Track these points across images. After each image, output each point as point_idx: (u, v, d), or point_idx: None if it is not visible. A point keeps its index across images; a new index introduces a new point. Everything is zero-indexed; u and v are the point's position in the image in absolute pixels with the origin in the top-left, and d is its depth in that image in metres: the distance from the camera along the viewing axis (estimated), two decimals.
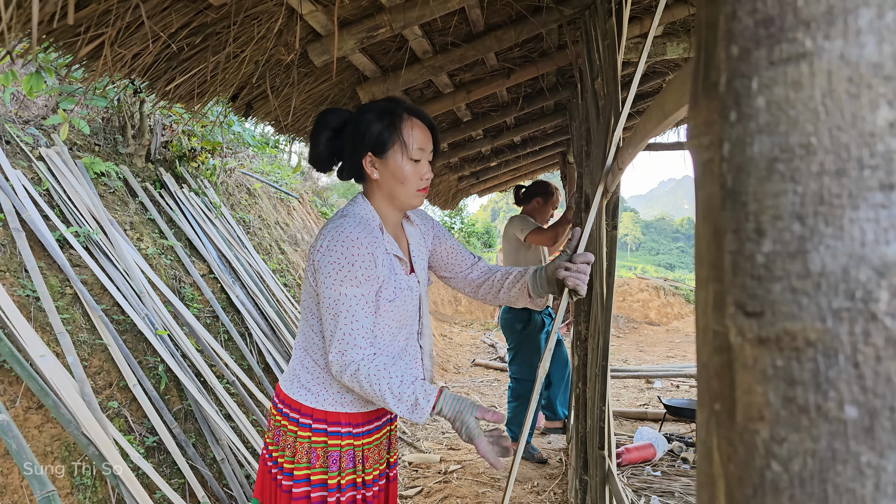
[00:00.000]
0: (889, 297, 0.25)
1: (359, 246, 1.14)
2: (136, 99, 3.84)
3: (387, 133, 1.19)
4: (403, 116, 1.21)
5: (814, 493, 0.26)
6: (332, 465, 1.24)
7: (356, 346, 1.13)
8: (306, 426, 1.25)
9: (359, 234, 1.16)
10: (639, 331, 12.97)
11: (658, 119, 0.62)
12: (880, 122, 0.25)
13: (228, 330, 3.51)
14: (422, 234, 1.42)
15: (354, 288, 1.13)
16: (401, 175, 1.21)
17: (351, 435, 1.26)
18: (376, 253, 1.17)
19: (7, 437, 1.90)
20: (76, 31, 1.30)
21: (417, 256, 1.37)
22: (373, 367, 1.12)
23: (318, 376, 1.27)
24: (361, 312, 1.14)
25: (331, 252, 1.15)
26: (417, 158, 1.21)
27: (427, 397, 1.09)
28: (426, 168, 1.23)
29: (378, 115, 1.21)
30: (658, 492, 2.83)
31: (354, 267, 1.13)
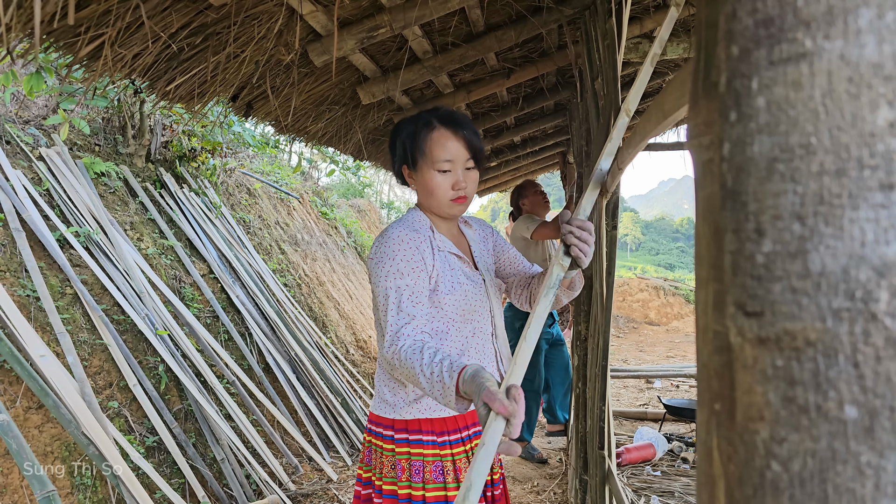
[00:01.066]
0: (889, 297, 0.25)
1: (400, 241, 1.16)
2: (136, 99, 3.84)
3: (415, 147, 1.21)
4: (429, 128, 1.20)
5: (814, 493, 0.26)
6: (415, 476, 1.21)
7: (402, 335, 1.08)
8: (389, 438, 1.24)
9: (400, 232, 1.18)
10: (639, 331, 12.97)
11: (658, 119, 0.62)
12: (880, 122, 0.25)
13: (228, 330, 3.51)
14: (481, 237, 1.42)
15: (398, 280, 1.13)
16: (430, 187, 1.21)
17: (436, 444, 1.22)
18: (422, 247, 1.18)
19: (7, 437, 1.90)
20: (76, 32, 1.30)
21: (480, 257, 1.36)
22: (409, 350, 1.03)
23: (392, 386, 1.26)
24: (407, 302, 1.11)
25: (376, 253, 1.18)
26: (445, 169, 1.20)
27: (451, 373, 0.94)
28: (459, 178, 1.21)
29: (405, 129, 1.23)
30: (658, 492, 2.83)
31: (395, 260, 1.14)
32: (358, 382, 4.47)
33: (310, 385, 3.75)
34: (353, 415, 3.81)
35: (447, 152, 1.19)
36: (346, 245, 7.27)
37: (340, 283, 6.05)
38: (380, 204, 15.31)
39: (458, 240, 1.34)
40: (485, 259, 1.37)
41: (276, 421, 3.36)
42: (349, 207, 8.95)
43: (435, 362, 0.97)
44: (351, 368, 4.47)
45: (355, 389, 4.26)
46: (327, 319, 4.90)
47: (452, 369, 0.94)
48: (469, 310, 1.23)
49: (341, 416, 3.70)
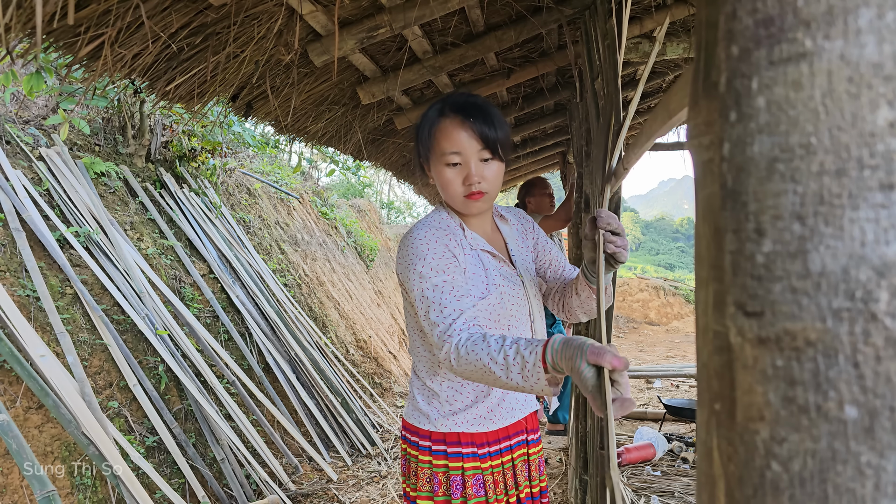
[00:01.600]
0: (889, 297, 0.25)
1: (426, 241, 1.09)
2: (136, 99, 3.84)
3: (426, 138, 1.12)
4: (438, 117, 1.11)
5: (814, 493, 0.26)
6: (454, 492, 1.15)
7: (454, 331, 0.98)
8: (426, 449, 1.18)
9: (425, 232, 1.10)
10: (639, 331, 12.97)
11: (664, 119, 0.62)
12: (880, 122, 0.25)
13: (228, 330, 3.51)
14: (520, 233, 1.30)
15: (433, 278, 1.04)
16: (441, 181, 1.12)
17: (475, 456, 1.16)
18: (451, 245, 1.10)
19: (7, 437, 1.90)
20: (76, 31, 1.30)
21: (518, 253, 1.25)
22: (469, 342, 0.94)
23: (427, 396, 1.20)
24: (450, 297, 1.02)
25: (403, 257, 1.11)
26: (454, 162, 1.09)
27: (533, 350, 0.83)
28: (471, 171, 1.08)
29: (422, 122, 1.15)
30: (658, 492, 2.83)
31: (426, 259, 1.06)
32: (358, 382, 4.47)
33: (310, 385, 3.75)
34: (353, 415, 3.81)
35: (453, 143, 1.08)
36: (346, 245, 7.27)
37: (340, 283, 6.05)
38: (380, 204, 15.31)
39: (492, 236, 1.23)
40: (523, 256, 1.26)
41: (275, 421, 3.36)
42: (349, 207, 8.95)
43: (507, 345, 0.88)
44: (351, 368, 4.47)
45: (355, 389, 4.26)
46: (327, 319, 4.90)
47: (533, 345, 0.85)
48: (505, 314, 1.14)
49: (341, 416, 3.70)
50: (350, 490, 3.03)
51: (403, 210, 17.27)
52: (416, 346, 1.22)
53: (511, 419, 1.21)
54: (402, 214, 16.99)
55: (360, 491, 3.02)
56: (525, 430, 1.26)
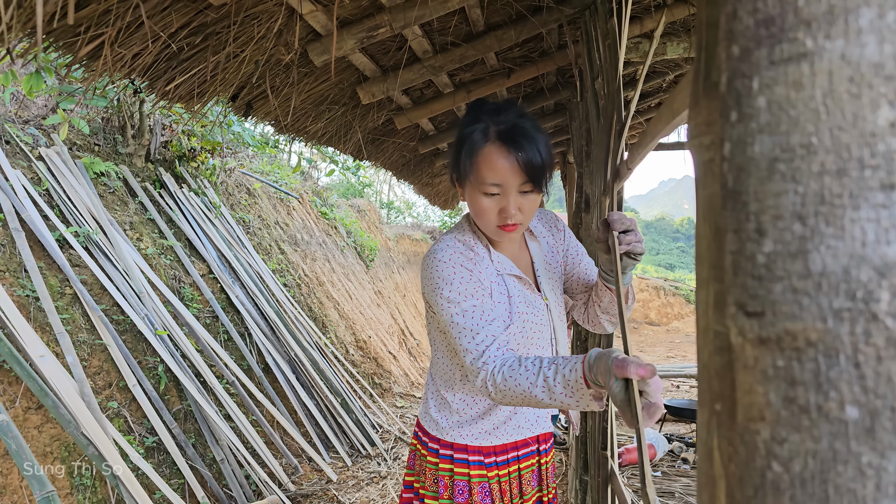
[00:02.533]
0: (890, 297, 0.25)
1: (453, 265, 1.05)
2: (135, 99, 3.84)
3: (464, 159, 1.04)
4: (483, 140, 1.02)
5: (815, 493, 0.25)
6: (458, 496, 1.15)
7: (483, 358, 0.98)
8: (434, 451, 1.19)
9: (450, 255, 1.07)
10: (639, 331, 12.97)
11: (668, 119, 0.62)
12: (881, 122, 0.25)
13: (228, 330, 3.51)
14: (549, 247, 1.25)
15: (461, 304, 1.02)
16: (475, 208, 1.06)
17: (482, 465, 1.15)
18: (476, 270, 1.07)
19: (7, 438, 1.90)
20: (76, 31, 1.30)
21: (543, 273, 1.20)
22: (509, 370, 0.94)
23: (438, 404, 1.20)
24: (480, 322, 1.01)
25: (429, 280, 1.07)
26: (492, 193, 1.02)
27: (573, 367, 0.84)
28: (509, 204, 1.02)
29: (460, 135, 1.07)
30: (658, 492, 2.83)
31: (453, 285, 1.03)
32: (357, 383, 4.47)
33: (309, 385, 3.75)
34: (352, 415, 3.81)
35: (496, 174, 1.01)
36: (346, 245, 7.27)
37: (340, 284, 6.05)
38: (380, 204, 15.31)
39: (519, 255, 1.19)
40: (549, 276, 1.21)
41: (275, 421, 3.36)
42: (349, 207, 8.95)
43: (546, 367, 0.89)
44: (350, 369, 4.46)
45: (355, 390, 4.26)
46: (327, 319, 4.90)
47: (571, 363, 0.86)
48: (526, 342, 1.12)
49: (341, 416, 3.70)
50: (350, 490, 3.02)
51: (403, 210, 17.26)
52: (438, 355, 1.21)
53: (518, 436, 1.21)
54: (402, 214, 16.99)
55: (360, 491, 3.02)
56: (536, 442, 1.25)
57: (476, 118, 1.05)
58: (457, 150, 1.07)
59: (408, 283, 9.72)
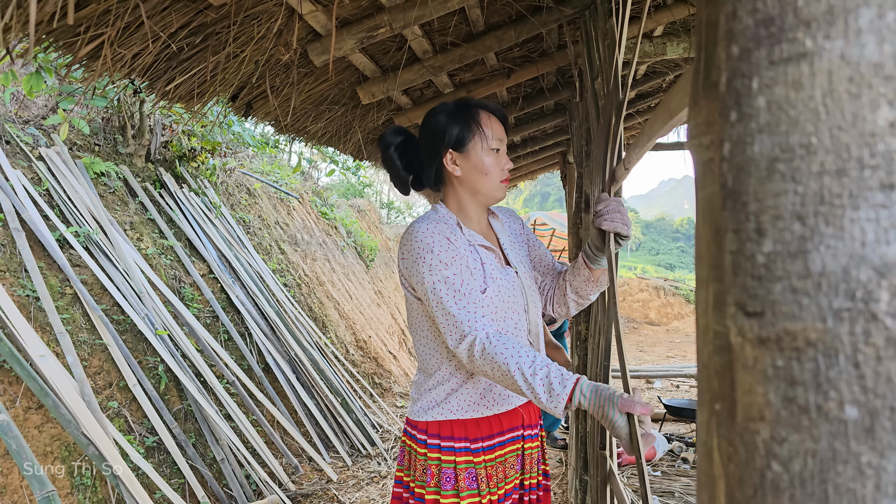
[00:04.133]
0: (889, 297, 0.25)
1: (431, 234, 1.14)
2: (135, 99, 3.84)
3: (465, 128, 1.20)
4: (478, 108, 1.22)
5: (814, 493, 0.25)
6: (445, 484, 1.18)
7: (471, 323, 1.06)
8: (422, 442, 1.22)
9: (427, 226, 1.16)
10: (639, 331, 12.97)
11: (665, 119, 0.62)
12: (881, 122, 0.25)
13: (228, 330, 3.51)
14: (511, 228, 1.38)
15: (443, 270, 1.10)
16: (483, 166, 1.20)
17: (468, 451, 1.19)
18: (452, 238, 1.16)
19: (7, 438, 1.90)
20: (76, 31, 1.30)
21: (511, 249, 1.31)
22: (500, 343, 1.02)
23: (427, 389, 1.23)
24: (464, 288, 1.09)
25: (409, 252, 1.16)
26: (497, 148, 1.21)
27: (563, 383, 0.95)
28: (505, 158, 1.23)
29: (452, 114, 1.22)
30: (658, 492, 2.83)
31: (433, 252, 1.12)
32: (358, 382, 4.47)
33: (309, 385, 3.75)
34: (352, 415, 3.81)
35: (497, 131, 1.21)
36: (346, 245, 7.27)
37: (340, 283, 6.05)
38: (380, 204, 15.31)
39: (487, 233, 1.30)
40: (516, 251, 1.33)
41: (275, 421, 3.36)
42: (349, 207, 8.95)
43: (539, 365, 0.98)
44: (351, 368, 4.46)
45: (355, 390, 4.26)
46: (327, 319, 4.90)
47: (564, 378, 0.96)
48: (502, 307, 1.18)
49: (341, 416, 3.70)
50: (350, 490, 3.03)
51: (403, 210, 17.27)
52: (421, 343, 1.24)
53: (507, 405, 1.23)
54: (402, 214, 17.00)
55: (360, 491, 3.02)
56: (521, 426, 1.27)
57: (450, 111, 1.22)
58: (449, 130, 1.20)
59: None
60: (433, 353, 1.22)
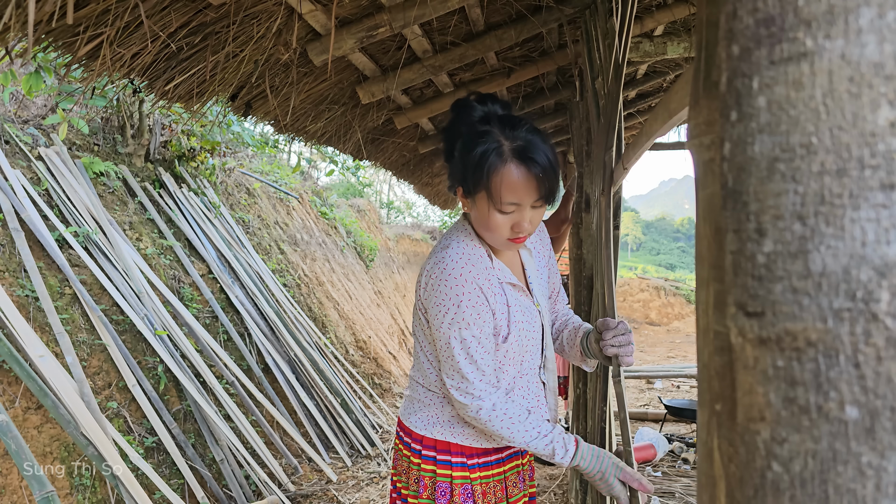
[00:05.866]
0: (890, 297, 0.25)
1: (463, 283, 1.04)
2: (135, 98, 3.83)
3: (476, 177, 1.01)
4: (499, 160, 0.99)
5: (814, 493, 0.25)
6: (439, 498, 1.16)
7: (477, 390, 1.05)
8: (417, 452, 1.19)
9: (461, 268, 1.05)
10: (639, 331, 12.97)
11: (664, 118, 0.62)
12: (881, 122, 0.25)
13: (228, 330, 3.51)
14: (537, 252, 1.29)
15: (465, 330, 1.04)
16: (486, 223, 1.05)
17: (465, 467, 1.16)
18: (485, 287, 1.07)
19: (6, 438, 1.90)
20: (75, 31, 1.30)
21: (535, 279, 1.23)
22: (504, 416, 1.05)
23: (427, 404, 1.19)
24: (478, 352, 1.05)
25: (436, 292, 1.06)
26: (509, 211, 1.02)
27: (565, 446, 1.04)
28: (522, 218, 1.03)
29: (471, 149, 1.02)
30: (658, 492, 2.83)
31: (461, 308, 1.03)
32: (357, 383, 4.47)
33: (309, 385, 3.75)
34: (352, 415, 3.81)
35: (514, 194, 1.00)
36: (346, 245, 7.27)
37: (340, 284, 6.05)
38: (379, 204, 15.31)
39: (513, 262, 1.21)
40: (539, 282, 1.24)
41: (275, 421, 3.36)
42: (349, 207, 8.95)
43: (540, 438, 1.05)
44: (350, 369, 4.46)
45: (355, 390, 4.26)
46: (327, 320, 4.90)
47: (566, 445, 1.05)
48: (520, 350, 1.14)
49: (341, 416, 3.70)
50: (350, 491, 3.02)
51: (403, 210, 17.26)
52: (423, 359, 1.20)
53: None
54: (402, 214, 16.99)
55: (360, 492, 3.02)
56: None
57: (486, 132, 1.03)
58: (465, 165, 1.03)
59: (408, 283, 9.72)
60: (432, 372, 1.19)
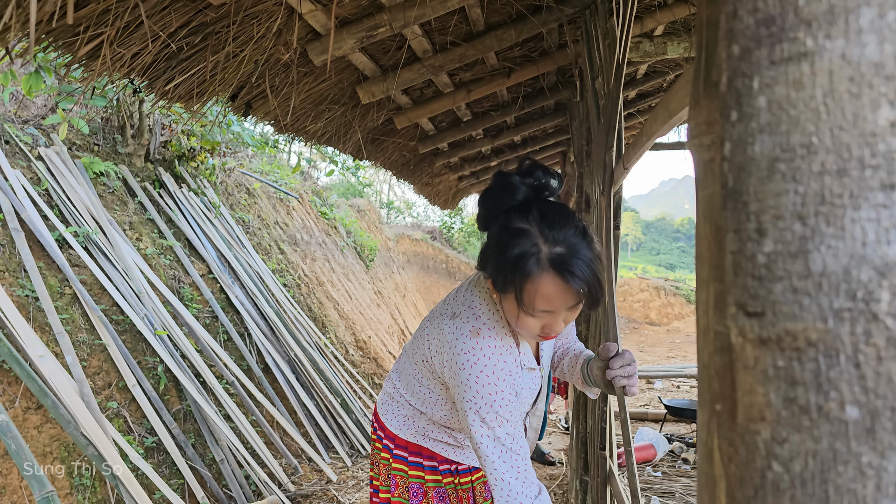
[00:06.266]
0: (890, 297, 0.25)
1: (496, 381, 0.98)
2: (135, 98, 3.83)
3: (506, 277, 0.93)
4: (537, 268, 0.90)
5: (815, 493, 0.25)
6: (412, 498, 1.15)
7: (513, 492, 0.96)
8: (386, 448, 1.18)
9: (494, 365, 0.98)
10: (639, 331, 12.98)
11: (664, 118, 0.62)
12: (881, 122, 0.25)
13: (228, 330, 3.51)
14: None
15: (498, 429, 0.97)
16: (515, 320, 0.98)
17: (435, 470, 1.15)
18: (515, 382, 1.02)
19: (6, 438, 1.90)
20: (75, 31, 1.30)
21: (546, 347, 1.20)
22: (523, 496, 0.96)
23: (407, 414, 1.17)
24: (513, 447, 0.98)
25: (466, 384, 0.98)
26: (540, 317, 0.96)
27: None
28: (554, 321, 0.96)
29: (506, 248, 0.92)
30: (658, 492, 2.83)
31: (493, 407, 0.97)
32: (357, 383, 4.47)
33: (309, 385, 3.75)
34: (352, 415, 3.81)
35: (549, 303, 0.92)
36: (346, 245, 7.27)
37: (340, 284, 6.05)
38: (379, 204, 15.31)
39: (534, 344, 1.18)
40: (549, 349, 1.21)
41: (275, 421, 3.36)
42: (349, 207, 8.95)
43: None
44: (350, 369, 4.46)
45: (355, 390, 4.26)
46: (327, 320, 4.90)
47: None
48: (522, 406, 1.11)
49: (341, 416, 3.70)
50: (349, 491, 3.02)
51: (403, 210, 17.27)
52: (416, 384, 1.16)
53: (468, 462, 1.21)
54: (402, 214, 17.00)
55: (360, 492, 3.02)
56: None
57: (524, 232, 0.92)
58: (498, 263, 0.94)
59: (408, 283, 9.72)
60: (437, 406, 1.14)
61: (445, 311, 1.07)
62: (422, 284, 11.60)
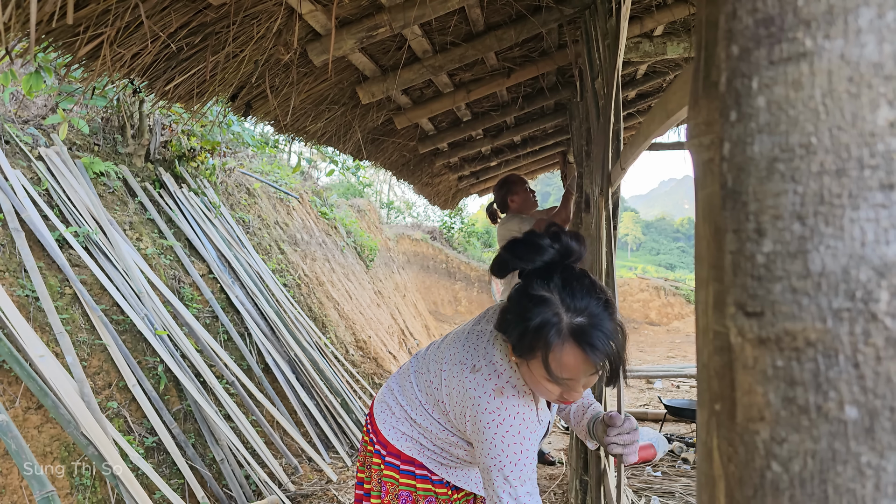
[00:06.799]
0: (889, 297, 0.25)
1: (524, 440, 0.99)
2: (135, 98, 3.83)
3: (525, 344, 0.93)
4: (558, 339, 0.90)
5: (814, 493, 0.25)
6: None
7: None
8: (378, 453, 1.19)
9: (520, 425, 0.99)
10: (639, 331, 12.98)
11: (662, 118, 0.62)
12: (880, 122, 0.25)
13: (228, 330, 3.51)
14: None
15: (520, 487, 0.98)
16: (536, 387, 0.98)
17: (428, 480, 1.15)
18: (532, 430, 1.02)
19: (6, 438, 1.90)
20: (75, 31, 1.30)
21: None
22: None
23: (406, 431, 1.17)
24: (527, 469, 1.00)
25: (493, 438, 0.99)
26: (560, 384, 0.96)
27: None
28: (574, 388, 0.97)
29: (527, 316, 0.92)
30: (658, 492, 2.83)
31: (518, 465, 0.99)
32: (357, 383, 4.47)
33: (309, 385, 3.75)
34: (352, 415, 3.81)
35: (569, 372, 0.92)
36: (346, 245, 7.27)
37: (340, 284, 6.05)
38: (380, 204, 15.31)
39: None
40: None
41: (275, 421, 3.36)
42: (349, 207, 8.95)
43: None
44: (350, 369, 4.46)
45: (355, 390, 4.26)
46: (327, 320, 4.90)
47: None
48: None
49: (341, 416, 3.70)
50: (350, 491, 3.02)
51: (403, 210, 17.27)
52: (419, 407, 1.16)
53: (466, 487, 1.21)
54: (402, 214, 17.00)
55: None
56: None
57: (545, 300, 0.92)
58: (518, 329, 0.94)
59: (408, 283, 9.71)
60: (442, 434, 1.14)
61: (465, 362, 1.06)
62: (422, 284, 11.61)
